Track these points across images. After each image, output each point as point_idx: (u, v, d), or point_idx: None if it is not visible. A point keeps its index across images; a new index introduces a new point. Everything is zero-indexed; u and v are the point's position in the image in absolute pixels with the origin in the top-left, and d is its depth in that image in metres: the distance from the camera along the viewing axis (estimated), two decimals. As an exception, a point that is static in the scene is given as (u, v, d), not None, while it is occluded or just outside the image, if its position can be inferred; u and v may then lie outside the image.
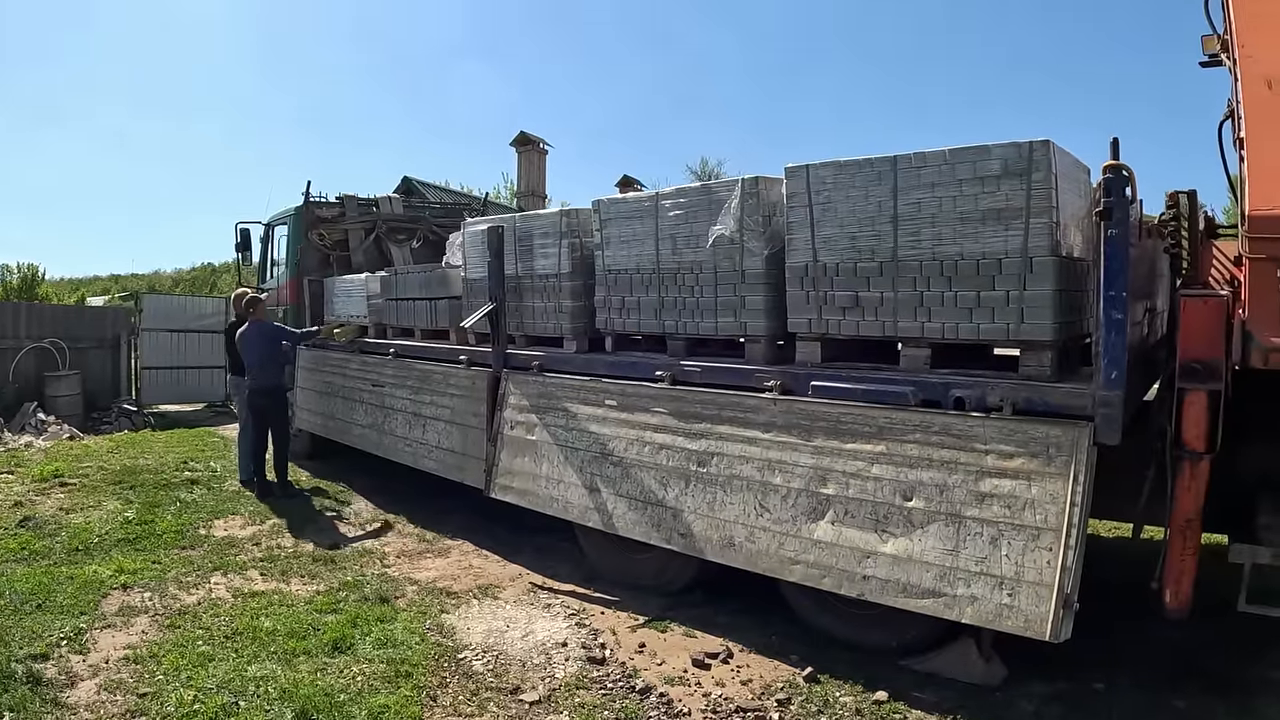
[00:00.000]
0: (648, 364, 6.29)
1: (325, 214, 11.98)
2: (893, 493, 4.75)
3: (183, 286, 35.43)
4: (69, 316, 16.50)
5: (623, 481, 6.10)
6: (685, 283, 6.03)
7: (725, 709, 4.55)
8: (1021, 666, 4.74)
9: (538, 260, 7.21)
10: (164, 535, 7.66)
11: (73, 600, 5.95)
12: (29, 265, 24.48)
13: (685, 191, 6.03)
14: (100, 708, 4.51)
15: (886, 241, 4.94)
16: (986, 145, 4.55)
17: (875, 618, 5.02)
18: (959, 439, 4.59)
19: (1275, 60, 4.39)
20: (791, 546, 5.08)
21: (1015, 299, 4.53)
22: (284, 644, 5.26)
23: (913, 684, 4.77)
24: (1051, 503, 4.24)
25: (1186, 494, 4.41)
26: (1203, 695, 4.57)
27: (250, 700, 4.51)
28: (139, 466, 10.58)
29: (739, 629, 5.57)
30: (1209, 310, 4.37)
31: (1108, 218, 4.14)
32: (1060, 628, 4.07)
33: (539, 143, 21.80)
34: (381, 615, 5.78)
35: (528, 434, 6.93)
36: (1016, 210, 4.48)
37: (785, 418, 5.28)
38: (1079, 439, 4.26)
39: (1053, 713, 4.45)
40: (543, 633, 5.59)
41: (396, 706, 4.50)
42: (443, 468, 8.14)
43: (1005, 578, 4.28)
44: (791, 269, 5.41)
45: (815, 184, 5.20)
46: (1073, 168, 4.75)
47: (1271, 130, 4.24)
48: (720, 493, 5.50)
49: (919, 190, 4.79)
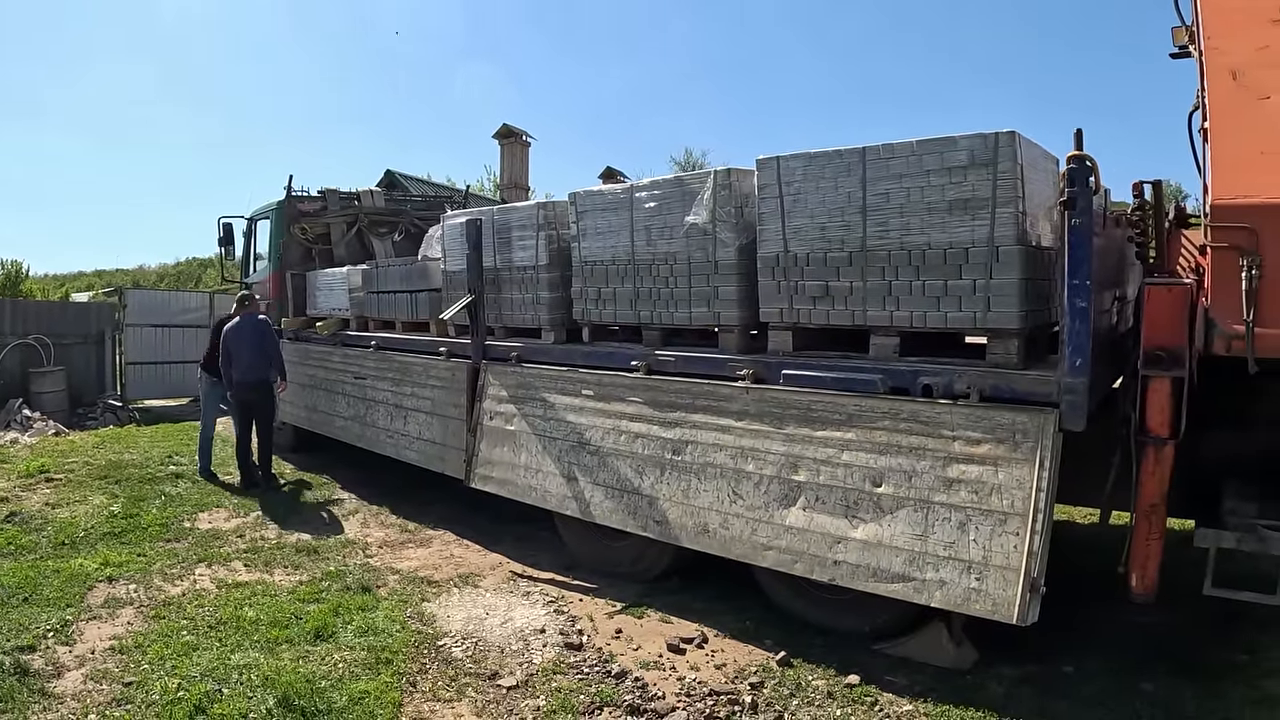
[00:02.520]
0: (624, 354, 6.36)
1: (307, 208, 11.95)
2: (863, 479, 4.82)
3: (167, 281, 35.27)
4: (53, 312, 16.41)
5: (600, 470, 6.16)
6: (660, 274, 6.07)
7: (699, 692, 4.61)
8: (992, 650, 4.81)
9: (516, 252, 7.24)
10: (149, 528, 7.70)
11: (59, 593, 5.98)
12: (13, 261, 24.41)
13: (659, 184, 6.07)
14: (86, 697, 4.55)
15: (856, 232, 5.00)
16: (953, 136, 4.60)
17: (847, 602, 5.10)
18: (927, 426, 4.66)
19: (1239, 52, 4.45)
20: (764, 533, 5.15)
21: (982, 288, 4.59)
22: (267, 633, 5.31)
23: (885, 668, 4.85)
24: (1018, 488, 4.31)
25: (1151, 479, 4.48)
26: (1170, 678, 4.64)
27: (233, 688, 4.56)
28: (124, 461, 10.58)
29: (714, 614, 5.63)
30: (1173, 298, 4.43)
31: (1071, 207, 4.20)
32: (1027, 611, 4.15)
33: (522, 135, 21.72)
34: (363, 604, 5.83)
35: (507, 424, 6.98)
36: (983, 200, 4.53)
37: (758, 406, 5.35)
38: (1045, 425, 4.33)
39: (1023, 695, 4.52)
40: (521, 620, 5.65)
41: (377, 692, 4.56)
42: (424, 459, 8.18)
43: (973, 562, 4.35)
44: (763, 259, 5.46)
45: (786, 175, 5.25)
46: (1040, 158, 4.81)
47: (1234, 121, 4.30)
48: (695, 480, 5.56)
49: (887, 181, 4.84)
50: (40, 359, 14.94)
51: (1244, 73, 4.39)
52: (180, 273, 37.58)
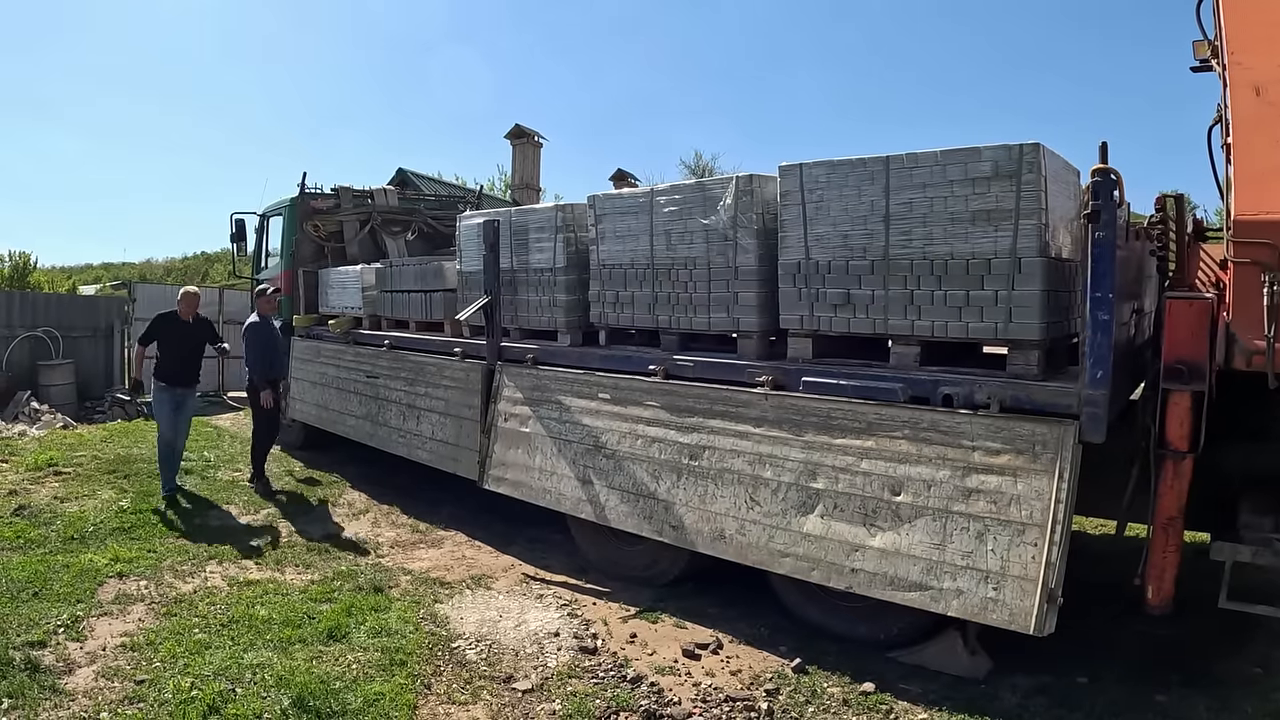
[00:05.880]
0: (641, 358, 6.36)
1: (320, 205, 11.97)
2: (881, 488, 4.82)
3: (174, 276, 35.31)
4: (62, 305, 16.39)
5: (615, 474, 6.16)
6: (679, 278, 6.08)
7: (715, 698, 4.62)
8: (1006, 660, 4.82)
9: (533, 254, 7.25)
10: (158, 524, 7.70)
11: (69, 588, 5.97)
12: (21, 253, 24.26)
13: (680, 188, 6.09)
14: (98, 694, 4.54)
15: (878, 240, 5.01)
16: (978, 147, 4.61)
17: (863, 610, 5.11)
18: (947, 435, 4.67)
19: (1264, 67, 4.46)
20: (781, 539, 5.16)
21: (1004, 299, 4.60)
22: (280, 632, 5.31)
23: (899, 676, 4.85)
24: (1037, 499, 4.32)
25: (1169, 492, 4.49)
26: (1184, 690, 4.65)
27: (247, 687, 4.56)
28: (133, 455, 10.58)
29: (729, 620, 5.64)
30: (1194, 312, 4.44)
31: (1095, 220, 4.21)
32: (1044, 622, 4.15)
33: (534, 136, 21.76)
34: (376, 604, 5.83)
35: (521, 426, 6.98)
36: (1006, 211, 4.54)
37: (776, 413, 5.35)
38: (1064, 437, 4.34)
39: (1037, 705, 4.52)
40: (535, 623, 5.65)
41: (392, 694, 4.56)
42: (436, 459, 8.19)
43: (991, 572, 4.36)
44: (784, 266, 5.47)
45: (809, 182, 5.26)
46: (1062, 170, 4.82)
47: (1258, 137, 4.31)
48: (711, 486, 5.57)
49: (911, 190, 4.85)
50: (49, 351, 14.94)
51: (1268, 88, 4.40)
52: (187, 267, 37.66)
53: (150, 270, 37.78)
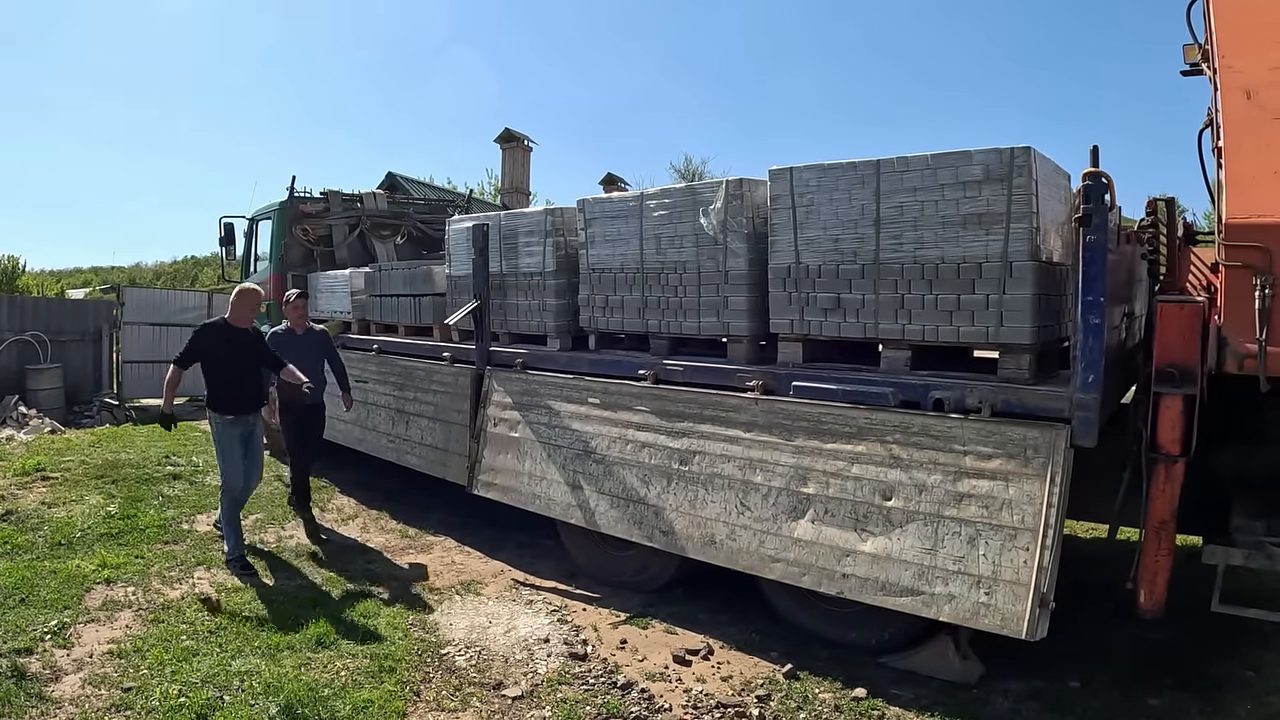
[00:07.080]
0: (631, 362, 6.34)
1: (309, 209, 11.92)
2: (872, 492, 4.80)
3: (163, 280, 35.17)
4: (50, 309, 16.33)
5: (605, 479, 6.13)
6: (669, 282, 6.06)
7: (706, 705, 4.59)
8: (998, 664, 4.80)
9: (522, 258, 7.22)
10: (146, 530, 7.64)
11: (56, 595, 5.93)
12: (10, 257, 24.21)
13: (670, 192, 6.07)
14: (85, 702, 4.50)
15: (868, 244, 4.99)
16: (968, 150, 4.60)
17: (854, 615, 5.09)
18: (938, 440, 4.65)
19: (1254, 71, 4.45)
20: (772, 544, 5.13)
21: (995, 302, 4.59)
22: (268, 639, 5.27)
23: (891, 681, 4.83)
24: (1029, 503, 4.30)
25: (1161, 496, 4.48)
26: (1177, 693, 4.64)
27: (235, 695, 4.52)
28: (121, 461, 10.51)
29: (720, 626, 5.62)
30: (1185, 316, 4.43)
31: (1086, 224, 4.20)
32: (1037, 626, 4.14)
33: (523, 140, 21.73)
34: (364, 611, 5.80)
35: (511, 431, 6.95)
36: (997, 215, 4.53)
37: (766, 417, 5.33)
38: (1056, 441, 4.33)
39: (1029, 710, 4.51)
40: (525, 629, 5.62)
41: (380, 701, 4.53)
42: (426, 464, 8.14)
43: (983, 577, 4.34)
44: (774, 270, 5.45)
45: (799, 186, 5.24)
46: (1053, 174, 4.82)
47: (1249, 140, 4.30)
48: (702, 491, 5.54)
49: (901, 194, 4.84)
50: (37, 356, 14.87)
51: (1258, 92, 4.39)
52: (177, 271, 37.53)
53: (140, 274, 37.60)
